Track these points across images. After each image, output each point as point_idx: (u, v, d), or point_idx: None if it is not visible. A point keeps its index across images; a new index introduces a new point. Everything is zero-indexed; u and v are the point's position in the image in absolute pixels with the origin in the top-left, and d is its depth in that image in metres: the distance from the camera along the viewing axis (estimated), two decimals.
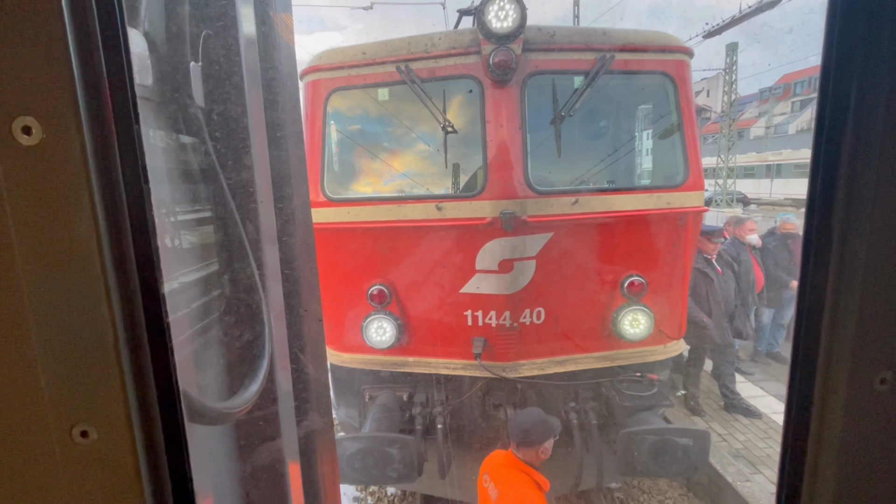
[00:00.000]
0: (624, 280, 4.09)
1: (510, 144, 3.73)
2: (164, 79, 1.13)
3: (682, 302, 4.20)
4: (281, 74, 1.40)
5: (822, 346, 0.73)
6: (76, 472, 0.67)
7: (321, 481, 1.61)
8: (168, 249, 1.13)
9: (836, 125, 0.68)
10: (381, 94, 4.09)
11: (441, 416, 4.41)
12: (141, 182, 0.67)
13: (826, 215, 0.70)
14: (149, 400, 0.69)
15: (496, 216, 3.76)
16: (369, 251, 4.17)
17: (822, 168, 0.70)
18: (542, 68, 3.78)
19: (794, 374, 0.78)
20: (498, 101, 3.75)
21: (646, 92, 4.09)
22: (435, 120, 3.86)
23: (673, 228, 4.05)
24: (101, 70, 0.62)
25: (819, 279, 0.73)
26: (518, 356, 4.22)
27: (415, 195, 4.15)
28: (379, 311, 4.22)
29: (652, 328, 4.08)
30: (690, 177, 3.99)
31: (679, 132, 4.01)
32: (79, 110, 0.60)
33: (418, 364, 4.37)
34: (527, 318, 4.11)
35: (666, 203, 3.95)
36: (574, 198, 3.80)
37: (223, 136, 1.25)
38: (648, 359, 4.32)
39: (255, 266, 1.28)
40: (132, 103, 0.66)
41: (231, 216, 1.25)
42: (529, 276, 3.96)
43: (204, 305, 1.23)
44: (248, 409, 1.16)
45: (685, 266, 4.13)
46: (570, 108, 3.78)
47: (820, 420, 0.75)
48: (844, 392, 0.72)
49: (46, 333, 0.64)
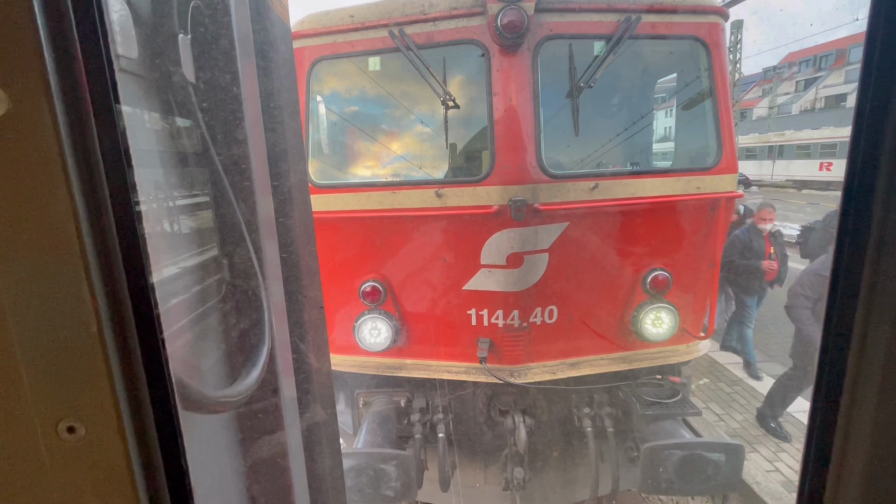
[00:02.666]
0: (646, 275, 3.65)
1: (520, 121, 3.24)
2: (151, 51, 1.04)
3: (710, 298, 3.77)
4: (273, 37, 1.31)
5: (854, 339, 0.69)
6: (64, 469, 0.64)
7: (325, 474, 1.55)
8: (158, 234, 1.06)
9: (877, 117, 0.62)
10: (372, 63, 3.57)
11: (442, 424, 4.03)
12: (122, 159, 0.62)
13: (866, 205, 0.65)
14: (139, 392, 0.66)
15: (504, 204, 3.30)
16: (361, 244, 3.71)
17: (861, 152, 0.64)
18: (557, 32, 3.26)
19: (823, 367, 0.74)
20: (507, 70, 3.25)
21: (674, 60, 3.59)
22: (434, 93, 3.36)
23: (702, 216, 3.60)
24: (71, 33, 0.57)
25: (854, 269, 0.68)
26: (527, 359, 3.82)
27: (411, 180, 3.67)
28: (372, 309, 3.79)
29: (676, 328, 3.67)
30: (724, 158, 3.52)
31: (712, 106, 3.53)
32: (48, 78, 0.55)
33: (417, 367, 3.96)
34: (537, 318, 3.68)
35: (695, 188, 3.49)
36: (593, 182, 3.34)
37: (214, 111, 1.17)
38: (671, 360, 3.92)
39: (252, 250, 1.20)
40: (109, 70, 0.61)
41: (225, 197, 1.17)
42: (541, 272, 3.52)
43: (199, 292, 1.16)
44: (247, 398, 1.10)
45: (714, 259, 3.69)
46: (590, 78, 3.28)
47: (848, 412, 0.71)
48: (878, 382, 0.67)
49: (25, 323, 0.60)
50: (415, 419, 4.07)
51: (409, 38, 3.32)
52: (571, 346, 3.86)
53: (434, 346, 3.94)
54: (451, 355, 3.95)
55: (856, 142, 0.64)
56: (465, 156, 3.73)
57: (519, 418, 3.87)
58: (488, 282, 3.58)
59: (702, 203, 3.52)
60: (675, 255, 3.68)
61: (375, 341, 3.78)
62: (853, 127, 0.64)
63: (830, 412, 0.73)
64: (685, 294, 3.78)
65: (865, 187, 0.64)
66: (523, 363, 3.82)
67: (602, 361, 3.88)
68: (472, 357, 3.84)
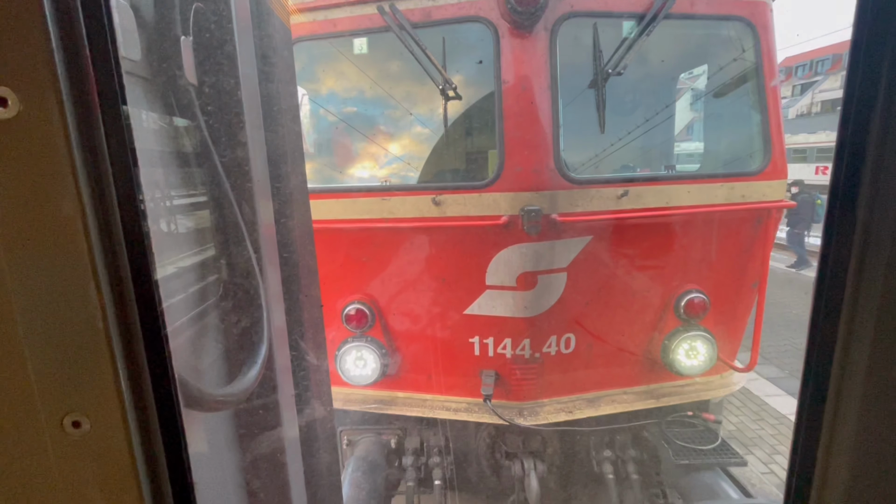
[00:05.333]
0: (680, 297, 3.11)
1: (535, 114, 2.69)
2: (154, 53, 1.04)
3: (748, 323, 3.23)
4: (275, 41, 1.34)
5: (840, 333, 0.68)
6: (69, 463, 0.65)
7: (322, 470, 1.58)
8: (160, 234, 1.05)
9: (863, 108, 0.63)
10: (359, 45, 3.01)
11: (439, 468, 3.46)
12: (129, 159, 0.63)
13: (850, 200, 0.65)
14: (143, 388, 0.67)
15: (515, 214, 2.76)
16: (344, 259, 3.15)
17: (847, 152, 0.65)
18: (579, 8, 2.73)
19: (810, 362, 0.73)
20: (519, 54, 2.70)
21: (716, 44, 3.06)
22: (431, 80, 2.81)
23: (746, 229, 3.07)
24: (81, 37, 0.58)
25: (839, 274, 0.67)
26: (539, 394, 3.26)
27: (404, 186, 3.11)
28: (358, 336, 3.22)
29: (714, 360, 3.13)
30: (772, 161, 2.99)
31: (758, 99, 3.00)
32: (58, 80, 0.56)
33: (410, 402, 3.39)
34: (551, 347, 3.13)
35: (740, 196, 2.96)
36: (622, 188, 2.79)
37: (216, 113, 1.18)
38: (704, 395, 3.38)
39: (251, 249, 1.21)
40: (116, 73, 0.61)
41: (226, 197, 1.18)
42: (557, 294, 2.97)
43: (200, 291, 1.17)
44: (246, 396, 1.11)
45: (760, 279, 3.15)
46: (618, 64, 2.74)
47: (834, 411, 0.70)
48: (862, 380, 0.67)
49: (33, 319, 0.61)
50: (407, 462, 3.51)
51: (402, 14, 2.77)
52: (590, 379, 3.31)
53: (430, 377, 3.38)
54: (451, 389, 3.39)
55: (841, 146, 0.65)
56: (468, 156, 3.18)
57: (529, 463, 3.31)
58: (495, 306, 3.03)
59: (748, 214, 2.99)
60: (713, 275, 3.14)
61: (361, 374, 3.21)
62: (839, 130, 0.65)
63: (815, 421, 0.73)
64: (723, 319, 3.24)
65: (850, 189, 0.64)
66: (534, 399, 3.26)
67: (625, 397, 3.33)
68: (474, 391, 3.29)
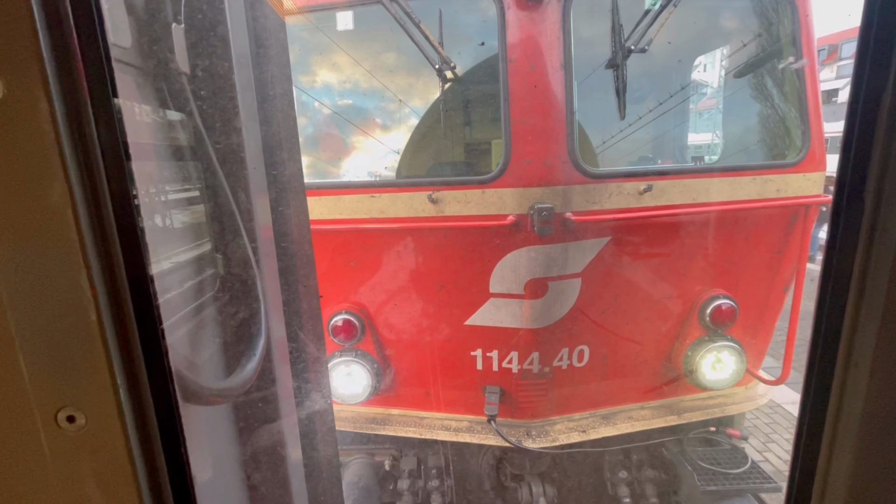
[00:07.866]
0: (705, 304, 2.79)
1: (547, 98, 2.34)
2: (144, 41, 1.01)
3: (788, 334, 2.92)
4: (268, 26, 1.31)
5: (844, 328, 0.67)
6: (64, 458, 0.64)
7: (321, 461, 1.58)
8: (154, 227, 1.04)
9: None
10: (343, 21, 2.64)
11: (438, 492, 3.15)
12: (120, 148, 0.60)
13: (857, 194, 0.64)
14: (140, 382, 0.65)
15: (524, 213, 2.41)
16: (329, 264, 2.80)
17: (854, 144, 0.63)
18: None
19: (815, 352, 0.72)
20: (527, 29, 2.34)
21: (750, 20, 2.72)
22: (425, 59, 2.44)
23: (780, 228, 2.75)
24: (67, 20, 0.56)
25: (844, 267, 0.66)
26: (548, 411, 2.95)
27: (396, 181, 2.76)
28: (346, 350, 2.88)
29: (742, 373, 2.82)
30: (811, 151, 2.66)
31: (797, 82, 2.66)
32: (44, 64, 0.54)
33: (405, 420, 3.06)
34: (563, 361, 2.81)
35: (775, 190, 2.63)
36: (646, 183, 2.45)
37: (210, 98, 1.14)
38: (729, 410, 3.07)
39: (248, 240, 1.17)
40: (105, 59, 0.59)
41: (221, 187, 1.14)
42: (570, 303, 2.64)
43: (196, 284, 1.13)
44: (245, 389, 1.10)
45: (795, 282, 2.84)
46: (640, 40, 2.39)
47: (839, 397, 0.69)
48: (867, 374, 0.65)
49: (23, 312, 0.59)
50: (403, 486, 3.18)
51: None
52: (605, 394, 2.99)
53: (428, 394, 3.05)
54: (451, 406, 3.06)
55: (848, 137, 0.63)
56: (469, 146, 2.82)
57: (538, 487, 3.01)
58: (499, 316, 2.69)
59: (783, 210, 2.66)
60: (742, 279, 2.82)
61: (350, 392, 2.87)
62: (846, 122, 0.64)
63: (817, 416, 0.72)
64: (751, 327, 2.93)
65: (857, 181, 0.64)
66: (544, 417, 2.95)
67: (643, 412, 3.02)
68: (476, 408, 2.97)
